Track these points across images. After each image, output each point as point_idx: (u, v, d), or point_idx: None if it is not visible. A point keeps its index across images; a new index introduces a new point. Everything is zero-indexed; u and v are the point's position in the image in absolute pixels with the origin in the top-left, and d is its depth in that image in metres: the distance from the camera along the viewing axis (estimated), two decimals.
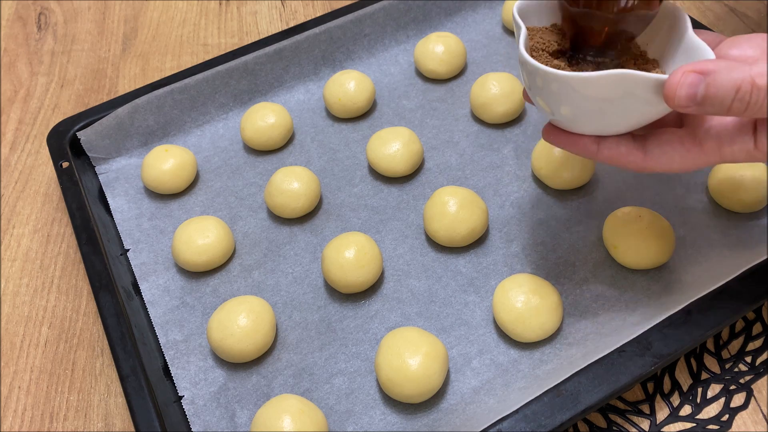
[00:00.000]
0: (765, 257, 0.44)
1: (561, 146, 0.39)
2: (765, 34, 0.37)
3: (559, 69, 0.38)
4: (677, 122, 0.39)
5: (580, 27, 0.39)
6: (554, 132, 0.39)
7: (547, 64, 0.39)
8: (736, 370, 0.44)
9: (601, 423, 0.43)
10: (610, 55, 0.41)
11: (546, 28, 0.42)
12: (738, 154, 0.34)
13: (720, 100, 0.31)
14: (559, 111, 0.37)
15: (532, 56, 0.39)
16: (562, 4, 0.39)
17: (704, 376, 0.44)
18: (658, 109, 0.35)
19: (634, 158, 0.37)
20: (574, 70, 0.39)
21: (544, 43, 0.41)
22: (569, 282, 0.48)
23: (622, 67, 0.41)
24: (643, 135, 0.37)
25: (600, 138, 0.37)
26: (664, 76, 0.33)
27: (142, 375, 0.43)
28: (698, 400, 0.43)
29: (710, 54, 0.35)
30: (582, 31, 0.39)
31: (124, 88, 0.70)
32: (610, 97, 0.34)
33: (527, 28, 0.41)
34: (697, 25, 0.56)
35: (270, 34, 0.70)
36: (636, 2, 0.36)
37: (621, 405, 0.44)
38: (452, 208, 0.49)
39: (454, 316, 0.47)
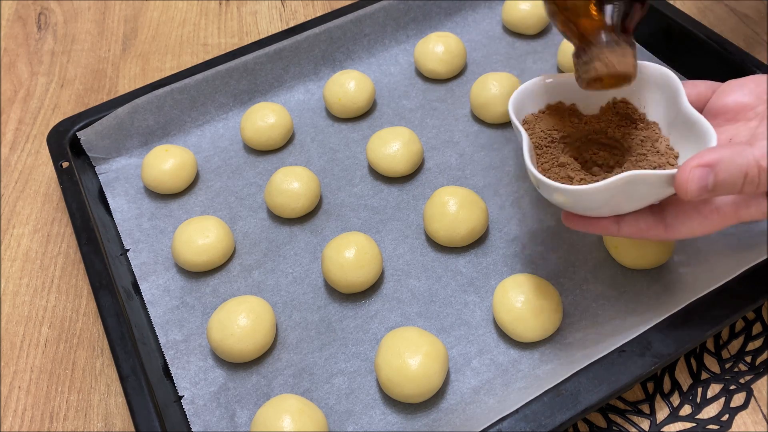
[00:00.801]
0: (765, 257, 0.44)
1: (582, 230, 0.41)
2: (757, 77, 0.39)
3: (567, 166, 0.41)
4: None
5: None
6: (573, 218, 0.41)
7: (554, 164, 0.42)
8: (736, 370, 0.44)
9: (601, 423, 0.43)
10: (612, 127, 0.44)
11: (542, 113, 0.45)
12: (755, 214, 0.36)
13: (730, 186, 0.34)
14: (573, 209, 0.40)
15: (537, 153, 0.42)
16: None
17: (704, 376, 0.44)
18: (669, 191, 0.37)
19: (655, 232, 0.39)
20: (582, 167, 0.42)
21: (546, 137, 0.43)
22: (569, 282, 0.48)
23: (626, 136, 0.43)
24: (659, 205, 0.39)
25: (619, 218, 0.39)
26: (673, 171, 0.35)
27: (142, 375, 0.43)
28: (698, 400, 0.43)
29: (711, 133, 0.37)
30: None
31: (124, 88, 0.70)
32: (620, 194, 0.36)
33: (524, 123, 0.44)
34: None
35: (270, 34, 0.70)
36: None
37: (621, 405, 0.44)
38: (452, 208, 0.49)
39: (454, 316, 0.47)
